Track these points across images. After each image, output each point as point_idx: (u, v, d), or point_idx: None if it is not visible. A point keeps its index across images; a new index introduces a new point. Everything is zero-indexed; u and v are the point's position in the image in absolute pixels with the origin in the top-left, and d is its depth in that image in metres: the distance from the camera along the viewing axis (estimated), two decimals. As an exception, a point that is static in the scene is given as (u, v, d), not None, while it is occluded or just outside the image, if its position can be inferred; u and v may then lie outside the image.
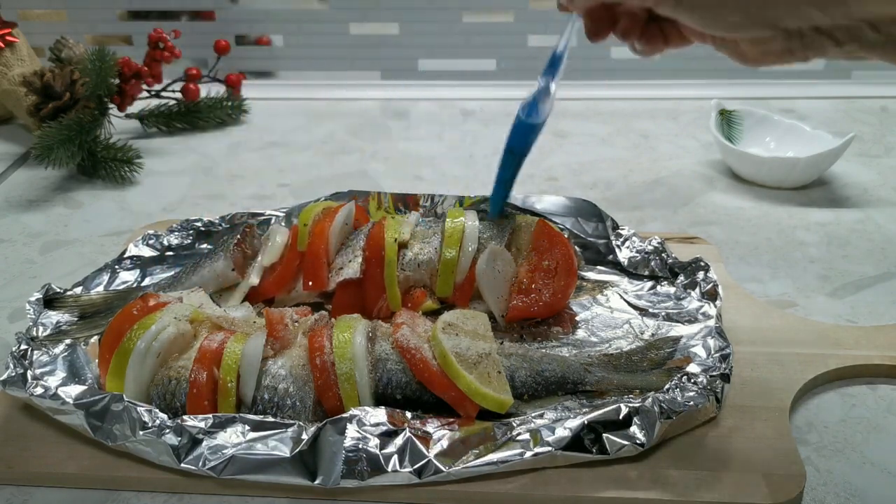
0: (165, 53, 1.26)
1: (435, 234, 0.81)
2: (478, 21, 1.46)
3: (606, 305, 0.80)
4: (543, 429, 0.61)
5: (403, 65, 1.49)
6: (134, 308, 0.68)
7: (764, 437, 0.63)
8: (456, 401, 0.64)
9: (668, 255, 0.82)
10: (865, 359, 0.71)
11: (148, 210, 1.05)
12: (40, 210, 1.05)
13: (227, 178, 1.13)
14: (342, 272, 0.77)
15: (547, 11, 1.45)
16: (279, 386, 0.65)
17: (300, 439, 0.59)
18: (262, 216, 0.90)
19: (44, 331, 0.75)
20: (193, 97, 1.30)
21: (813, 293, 0.84)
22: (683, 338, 0.73)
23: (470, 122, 1.31)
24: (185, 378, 0.64)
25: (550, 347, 0.74)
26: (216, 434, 0.60)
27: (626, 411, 0.61)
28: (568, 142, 1.23)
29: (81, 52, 1.26)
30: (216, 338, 0.67)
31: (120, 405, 0.61)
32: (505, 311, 0.76)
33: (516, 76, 1.48)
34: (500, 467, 0.59)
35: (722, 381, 0.65)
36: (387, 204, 0.90)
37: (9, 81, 1.24)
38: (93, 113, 1.16)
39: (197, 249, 0.89)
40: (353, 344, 0.66)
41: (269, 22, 1.49)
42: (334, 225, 0.79)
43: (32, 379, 0.65)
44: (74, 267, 0.91)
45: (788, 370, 0.70)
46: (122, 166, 1.11)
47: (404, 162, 1.17)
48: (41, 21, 1.49)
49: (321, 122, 1.32)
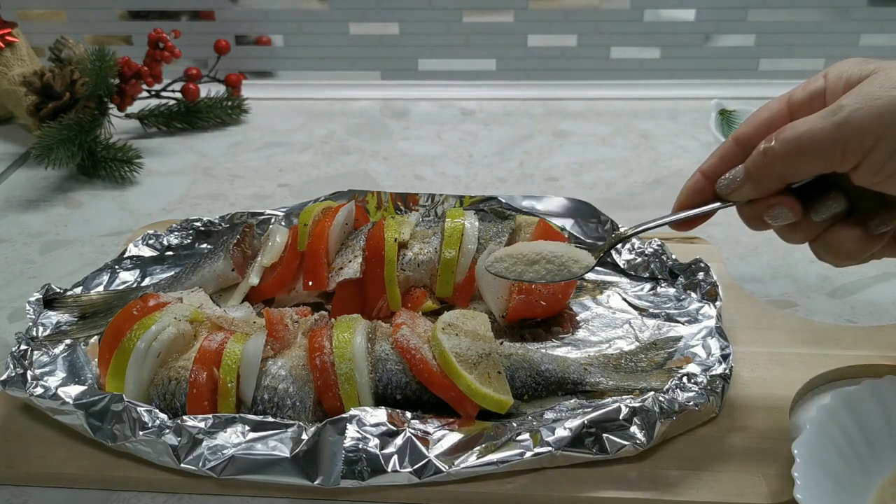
0: (165, 53, 1.26)
1: (435, 234, 0.81)
2: (478, 21, 1.46)
3: (606, 305, 0.80)
4: (543, 429, 0.61)
5: (403, 65, 1.49)
6: (134, 308, 0.68)
7: (764, 437, 0.63)
8: (456, 401, 0.64)
9: (668, 256, 0.82)
10: (865, 359, 0.71)
11: (148, 210, 1.05)
12: (40, 210, 1.05)
13: (226, 178, 1.13)
14: (342, 272, 0.77)
15: (547, 11, 1.45)
16: (279, 386, 0.65)
17: (300, 439, 0.59)
18: (262, 216, 0.90)
19: (44, 331, 0.75)
20: (193, 97, 1.30)
21: (813, 293, 0.84)
22: (683, 338, 0.73)
23: (470, 122, 1.31)
24: (185, 378, 0.64)
25: (550, 347, 0.74)
26: (216, 434, 0.60)
27: (626, 411, 0.61)
28: (568, 142, 1.23)
29: (81, 52, 1.26)
30: (216, 338, 0.67)
31: (120, 405, 0.61)
32: (505, 311, 0.76)
33: (516, 76, 1.48)
34: (500, 467, 0.59)
35: (722, 381, 0.65)
36: (387, 204, 0.90)
37: (9, 81, 1.24)
38: (93, 113, 1.16)
39: (197, 249, 0.89)
40: (353, 344, 0.66)
41: (269, 22, 1.48)
42: (334, 225, 0.79)
43: (32, 379, 0.65)
44: (74, 267, 0.91)
45: (788, 370, 0.70)
46: (122, 166, 1.11)
47: (404, 162, 1.17)
48: (41, 21, 1.49)
49: (321, 122, 1.32)
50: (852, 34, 1.44)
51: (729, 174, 0.59)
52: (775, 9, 1.43)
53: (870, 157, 0.51)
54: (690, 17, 1.43)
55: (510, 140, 1.24)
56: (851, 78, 0.55)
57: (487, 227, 0.80)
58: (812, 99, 0.57)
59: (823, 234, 0.58)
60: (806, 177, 0.56)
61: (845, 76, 0.55)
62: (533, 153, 1.19)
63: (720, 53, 1.47)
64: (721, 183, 0.59)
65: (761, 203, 0.58)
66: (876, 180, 0.53)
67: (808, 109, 0.56)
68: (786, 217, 0.57)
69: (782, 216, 0.57)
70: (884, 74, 0.52)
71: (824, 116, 0.52)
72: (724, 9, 1.42)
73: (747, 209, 0.59)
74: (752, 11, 1.43)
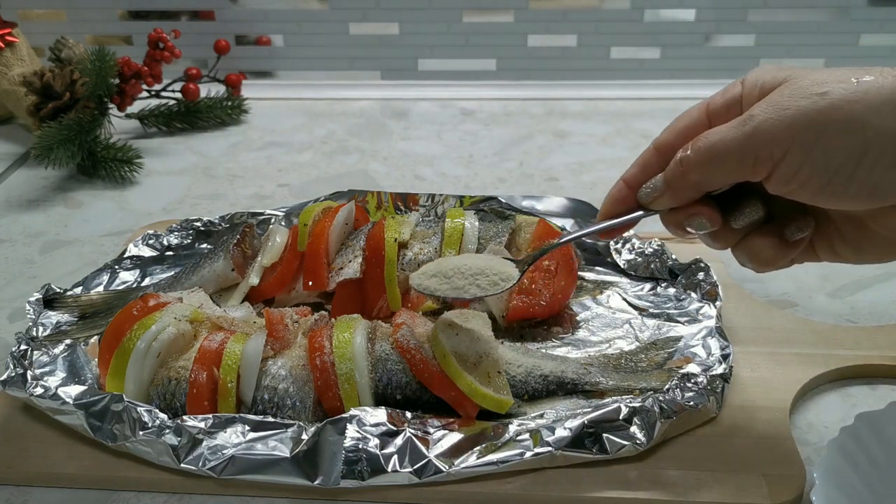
0: (165, 53, 1.26)
1: (435, 234, 0.81)
2: (478, 21, 1.46)
3: (606, 305, 0.80)
4: (543, 429, 0.61)
5: (403, 65, 1.49)
6: (134, 308, 0.68)
7: (764, 437, 0.63)
8: (456, 401, 0.64)
9: (668, 256, 0.82)
10: (865, 359, 0.71)
11: (148, 210, 1.05)
12: (40, 210, 1.05)
13: (226, 178, 1.13)
14: (342, 272, 0.77)
15: (547, 11, 1.45)
16: (279, 386, 0.65)
17: (300, 439, 0.59)
18: (262, 216, 0.90)
19: (44, 331, 0.75)
20: (193, 97, 1.30)
21: (813, 293, 0.84)
22: (683, 338, 0.73)
23: (470, 122, 1.31)
24: (185, 378, 0.64)
25: (550, 347, 0.74)
26: (216, 434, 0.60)
27: (626, 411, 0.61)
28: (568, 142, 1.23)
29: (81, 52, 1.26)
30: (216, 338, 0.67)
31: (120, 405, 0.61)
32: (505, 311, 0.76)
33: (516, 76, 1.48)
34: (500, 467, 0.59)
35: (722, 381, 0.65)
36: (387, 204, 0.90)
37: (9, 81, 1.24)
38: (93, 113, 1.16)
39: (197, 249, 0.89)
40: (353, 344, 0.66)
41: (269, 22, 1.48)
42: (334, 225, 0.79)
43: (32, 379, 0.65)
44: (74, 267, 0.91)
45: (788, 370, 0.70)
46: (121, 166, 1.11)
47: (404, 162, 1.17)
48: (41, 21, 1.49)
49: (321, 122, 1.32)
50: (852, 34, 1.44)
51: (649, 183, 0.59)
52: (775, 9, 1.43)
53: (780, 167, 0.51)
54: (690, 17, 1.43)
55: (510, 140, 1.24)
56: (766, 85, 0.54)
57: (487, 227, 0.80)
58: (729, 106, 0.57)
59: (743, 240, 0.58)
60: (722, 186, 0.55)
61: (760, 83, 0.55)
62: (533, 153, 1.19)
63: (720, 53, 1.47)
64: (642, 192, 0.59)
65: (681, 212, 0.58)
66: (788, 189, 0.53)
67: (726, 116, 0.56)
68: (705, 226, 0.57)
69: (702, 225, 0.57)
70: (794, 83, 0.52)
71: (736, 126, 0.52)
72: (724, 9, 1.42)
73: (669, 217, 0.59)
74: (752, 11, 1.43)
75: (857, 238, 0.57)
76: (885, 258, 0.57)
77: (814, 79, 0.51)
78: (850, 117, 0.49)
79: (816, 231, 0.58)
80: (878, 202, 0.51)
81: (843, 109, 0.49)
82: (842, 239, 0.58)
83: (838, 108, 0.49)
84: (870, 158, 0.49)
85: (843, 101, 0.49)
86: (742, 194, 0.57)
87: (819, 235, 0.58)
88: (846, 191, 0.51)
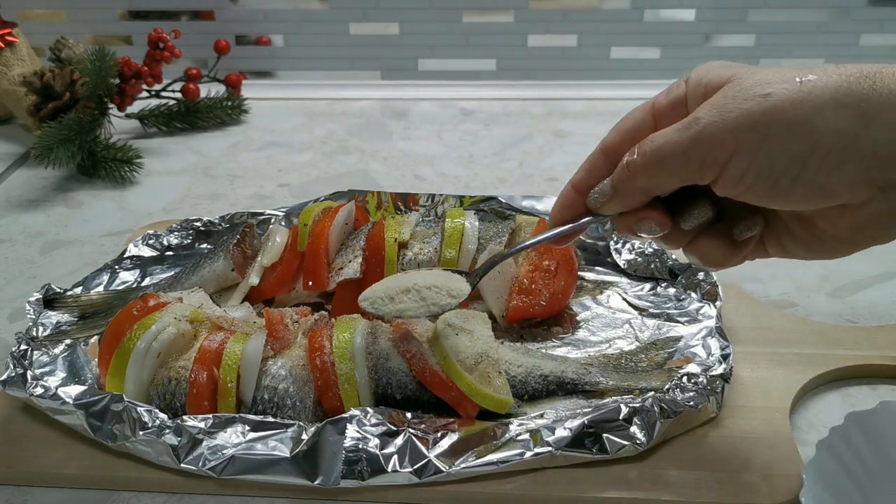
0: (165, 53, 1.26)
1: (435, 234, 0.81)
2: (478, 21, 1.46)
3: (606, 305, 0.80)
4: (543, 429, 0.61)
5: (403, 65, 1.50)
6: (134, 308, 0.68)
7: (764, 437, 0.63)
8: (456, 401, 0.64)
9: (668, 256, 0.82)
10: (865, 359, 0.71)
11: (148, 210, 1.05)
12: (40, 210, 1.05)
13: (226, 178, 1.13)
14: (342, 272, 0.77)
15: (547, 11, 1.45)
16: (279, 386, 0.65)
17: (300, 439, 0.59)
18: (262, 216, 0.90)
19: (44, 331, 0.75)
20: (193, 97, 1.30)
21: (813, 293, 0.84)
22: (683, 338, 0.73)
23: (470, 122, 1.31)
24: (185, 378, 0.64)
25: (550, 347, 0.74)
26: (216, 434, 0.60)
27: (626, 411, 0.61)
28: (568, 142, 1.23)
29: (81, 52, 1.26)
30: (216, 338, 0.67)
31: (120, 405, 0.61)
32: (505, 311, 0.76)
33: (516, 76, 1.48)
34: (500, 467, 0.59)
35: (722, 381, 0.65)
36: (387, 204, 0.90)
37: (9, 81, 1.24)
38: (93, 113, 1.16)
39: (197, 249, 0.89)
40: (353, 344, 0.66)
41: (269, 22, 1.49)
42: (334, 225, 0.79)
43: (32, 379, 0.65)
44: (74, 267, 0.91)
45: (788, 370, 0.70)
46: (121, 166, 1.11)
47: (404, 162, 1.17)
48: (41, 21, 1.49)
49: (321, 122, 1.32)
50: (852, 34, 1.44)
51: (598, 188, 0.58)
52: (775, 9, 1.43)
53: (726, 170, 0.51)
54: (690, 17, 1.43)
55: (510, 140, 1.24)
56: (710, 84, 0.53)
57: (487, 227, 0.80)
58: (674, 106, 0.56)
59: (693, 241, 0.58)
60: (670, 189, 0.55)
61: (704, 82, 0.54)
62: (533, 153, 1.19)
63: (720, 53, 1.47)
64: (590, 197, 0.58)
65: (631, 216, 0.57)
66: (735, 192, 0.52)
67: (671, 117, 0.55)
68: (655, 231, 0.57)
69: (651, 230, 0.57)
70: (738, 84, 0.51)
71: (681, 129, 0.52)
72: (724, 9, 1.42)
73: (619, 222, 0.58)
74: (752, 11, 1.43)
75: (806, 236, 0.56)
76: (835, 255, 0.57)
77: (758, 79, 0.50)
78: (794, 119, 0.48)
79: (766, 229, 0.57)
80: (825, 202, 0.51)
81: (787, 111, 0.48)
82: (791, 237, 0.57)
83: (781, 109, 0.48)
84: (815, 160, 0.49)
85: (787, 103, 0.48)
86: (691, 195, 0.56)
87: (769, 233, 0.58)
88: (793, 192, 0.50)
